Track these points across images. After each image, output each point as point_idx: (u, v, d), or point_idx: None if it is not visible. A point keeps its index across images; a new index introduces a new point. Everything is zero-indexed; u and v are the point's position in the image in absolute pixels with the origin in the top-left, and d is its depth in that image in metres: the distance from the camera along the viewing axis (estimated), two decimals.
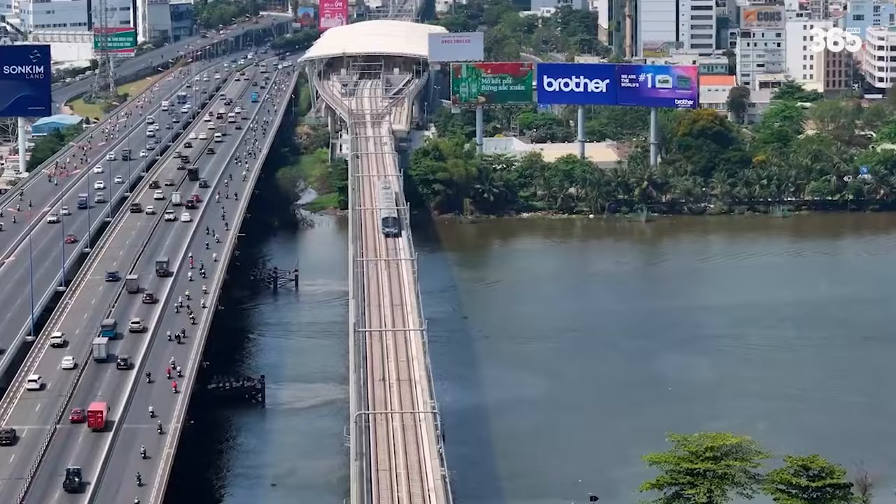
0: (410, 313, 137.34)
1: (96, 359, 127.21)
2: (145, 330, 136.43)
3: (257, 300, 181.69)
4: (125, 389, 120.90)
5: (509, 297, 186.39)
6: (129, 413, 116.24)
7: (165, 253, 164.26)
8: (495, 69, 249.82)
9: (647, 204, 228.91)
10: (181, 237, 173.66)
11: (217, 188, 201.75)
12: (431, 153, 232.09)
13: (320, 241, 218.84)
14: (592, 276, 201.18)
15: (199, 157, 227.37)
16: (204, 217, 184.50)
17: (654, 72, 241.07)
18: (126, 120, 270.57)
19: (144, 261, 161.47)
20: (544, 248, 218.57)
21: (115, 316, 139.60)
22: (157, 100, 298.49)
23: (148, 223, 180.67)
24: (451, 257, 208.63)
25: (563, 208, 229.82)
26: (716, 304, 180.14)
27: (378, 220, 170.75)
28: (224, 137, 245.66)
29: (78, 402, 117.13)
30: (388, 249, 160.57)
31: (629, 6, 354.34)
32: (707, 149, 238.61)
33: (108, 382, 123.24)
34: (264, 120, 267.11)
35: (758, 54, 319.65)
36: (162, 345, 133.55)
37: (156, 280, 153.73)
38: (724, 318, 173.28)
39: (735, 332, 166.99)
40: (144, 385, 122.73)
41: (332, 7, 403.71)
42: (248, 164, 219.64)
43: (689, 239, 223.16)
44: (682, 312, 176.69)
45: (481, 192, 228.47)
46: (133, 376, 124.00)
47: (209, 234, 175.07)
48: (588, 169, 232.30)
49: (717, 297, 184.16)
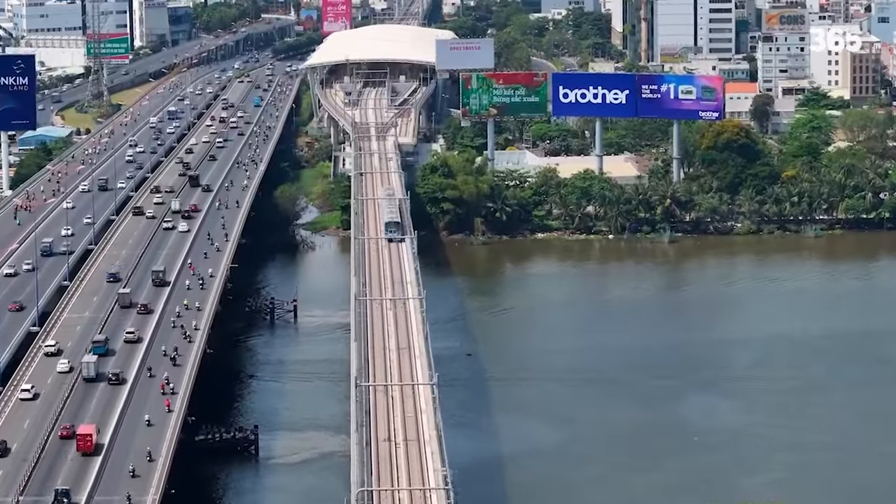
0: (419, 357, 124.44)
1: (85, 378, 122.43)
2: (140, 340, 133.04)
3: (253, 333, 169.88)
4: (116, 408, 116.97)
5: (521, 329, 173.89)
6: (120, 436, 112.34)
7: (162, 262, 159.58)
8: (507, 79, 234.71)
9: (671, 223, 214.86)
10: (178, 247, 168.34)
11: (218, 195, 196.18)
12: (440, 169, 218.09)
13: (321, 265, 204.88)
14: (610, 304, 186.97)
15: (201, 162, 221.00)
16: (203, 225, 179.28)
17: (676, 82, 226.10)
18: (108, 140, 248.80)
19: (140, 271, 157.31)
20: (560, 272, 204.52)
21: (108, 328, 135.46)
22: (146, 115, 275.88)
23: (146, 231, 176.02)
24: (460, 283, 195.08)
25: (581, 228, 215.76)
26: (743, 337, 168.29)
27: (381, 250, 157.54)
28: (226, 143, 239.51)
29: (68, 418, 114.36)
30: (393, 284, 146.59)
31: (645, 9, 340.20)
32: (733, 163, 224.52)
33: (99, 400, 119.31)
34: (266, 125, 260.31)
35: (780, 59, 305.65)
36: (156, 360, 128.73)
37: (152, 290, 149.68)
38: (751, 353, 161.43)
39: (764, 371, 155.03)
40: (137, 403, 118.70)
41: (335, 11, 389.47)
42: (249, 172, 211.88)
43: (715, 261, 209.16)
44: (707, 347, 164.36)
45: (493, 211, 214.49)
46: (125, 394, 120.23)
47: (209, 240, 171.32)
48: (607, 186, 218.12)
49: (744, 329, 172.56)
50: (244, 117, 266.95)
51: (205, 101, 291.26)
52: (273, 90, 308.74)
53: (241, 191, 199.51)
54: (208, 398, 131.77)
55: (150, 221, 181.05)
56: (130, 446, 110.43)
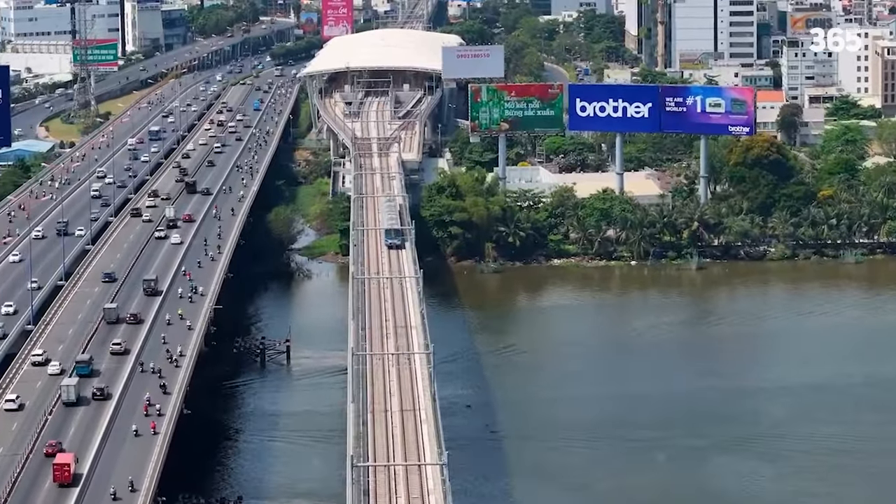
0: (425, 422, 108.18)
1: (65, 402, 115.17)
2: (127, 353, 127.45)
3: (241, 377, 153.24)
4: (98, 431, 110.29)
5: (532, 373, 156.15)
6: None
7: (154, 271, 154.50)
8: (520, 91, 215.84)
9: (698, 248, 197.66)
10: (171, 257, 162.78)
11: (215, 201, 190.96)
12: (447, 189, 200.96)
13: (318, 296, 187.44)
14: (632, 343, 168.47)
15: (198, 168, 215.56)
16: (198, 233, 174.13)
17: (703, 94, 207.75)
18: (79, 164, 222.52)
19: (130, 281, 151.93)
20: (576, 304, 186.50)
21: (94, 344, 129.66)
22: (127, 132, 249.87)
23: (139, 239, 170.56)
24: (468, 316, 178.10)
25: (600, 254, 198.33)
26: (776, 385, 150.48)
27: (383, 290, 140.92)
28: (224, 148, 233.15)
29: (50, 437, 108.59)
30: (396, 332, 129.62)
31: (661, 12, 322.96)
32: (764, 182, 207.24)
33: (80, 423, 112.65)
34: (266, 130, 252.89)
35: (807, 65, 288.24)
36: (143, 377, 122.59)
37: (143, 300, 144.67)
38: (786, 404, 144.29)
39: (801, 427, 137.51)
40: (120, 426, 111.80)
41: (335, 14, 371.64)
42: (245, 181, 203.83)
43: (746, 291, 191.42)
44: (737, 396, 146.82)
45: (505, 235, 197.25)
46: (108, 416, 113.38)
47: (206, 245, 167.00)
48: (628, 207, 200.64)
49: (778, 374, 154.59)
50: (243, 121, 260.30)
51: (190, 119, 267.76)
52: (268, 102, 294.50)
53: (237, 201, 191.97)
54: (187, 460, 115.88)
55: (146, 225, 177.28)
56: (111, 476, 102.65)
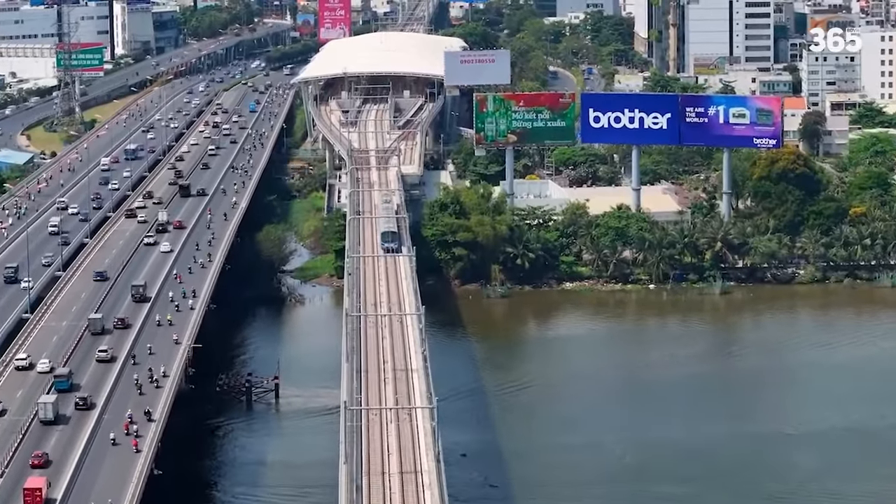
0: (427, 487, 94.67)
1: (42, 420, 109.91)
2: (114, 360, 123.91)
3: (224, 419, 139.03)
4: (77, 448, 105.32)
5: (540, 415, 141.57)
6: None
7: (144, 276, 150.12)
8: (529, 101, 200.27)
9: (721, 270, 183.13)
10: (160, 264, 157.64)
11: (208, 205, 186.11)
12: (451, 207, 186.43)
13: (311, 323, 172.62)
14: (649, 379, 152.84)
15: (193, 170, 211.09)
16: (189, 239, 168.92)
17: (727, 104, 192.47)
18: (44, 186, 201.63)
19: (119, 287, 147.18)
20: (590, 333, 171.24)
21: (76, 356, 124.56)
22: (101, 149, 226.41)
23: (127, 247, 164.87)
24: (472, 347, 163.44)
25: (616, 276, 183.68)
26: (806, 430, 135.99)
27: (381, 328, 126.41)
28: (218, 151, 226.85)
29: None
30: (395, 379, 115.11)
31: (674, 14, 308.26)
32: (791, 197, 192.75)
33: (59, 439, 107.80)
34: (261, 132, 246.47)
35: (828, 70, 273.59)
36: (126, 389, 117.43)
37: (131, 306, 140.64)
38: (816, 453, 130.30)
39: (833, 484, 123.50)
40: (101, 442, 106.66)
41: (332, 16, 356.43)
42: (238, 193, 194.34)
43: (773, 317, 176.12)
44: (762, 443, 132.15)
45: (513, 256, 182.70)
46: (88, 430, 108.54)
47: (197, 249, 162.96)
48: (646, 226, 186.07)
49: (808, 416, 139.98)
50: (238, 122, 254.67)
51: (173, 135, 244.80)
52: (263, 103, 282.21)
53: (230, 207, 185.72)
54: None
55: (139, 228, 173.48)
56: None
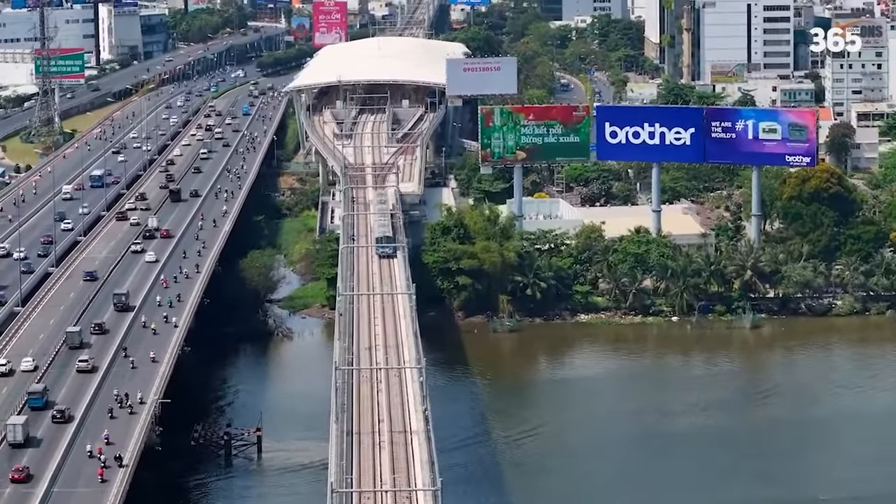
0: None
1: (11, 444, 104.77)
2: (95, 370, 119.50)
3: (198, 478, 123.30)
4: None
5: (547, 469, 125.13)
6: None
7: (127, 285, 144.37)
8: (540, 114, 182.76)
9: (751, 300, 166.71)
10: (146, 274, 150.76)
11: (200, 209, 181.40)
12: (454, 231, 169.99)
13: (299, 362, 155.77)
14: (670, 430, 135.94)
15: (184, 174, 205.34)
16: (178, 246, 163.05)
17: (756, 118, 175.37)
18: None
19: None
20: (607, 372, 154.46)
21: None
22: (65, 173, 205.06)
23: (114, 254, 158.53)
24: (476, 388, 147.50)
25: (636, 308, 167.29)
26: (843, 495, 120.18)
27: (376, 381, 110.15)
28: (210, 154, 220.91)
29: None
30: (392, 447, 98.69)
31: (688, 18, 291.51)
32: (826, 220, 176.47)
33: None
34: (254, 136, 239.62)
35: (854, 78, 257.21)
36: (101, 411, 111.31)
37: (113, 316, 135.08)
38: None
39: None
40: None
41: (328, 20, 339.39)
42: (228, 202, 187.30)
43: (807, 355, 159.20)
44: None
45: (523, 286, 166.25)
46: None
47: (185, 257, 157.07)
48: (668, 252, 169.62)
49: (848, 476, 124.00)
50: (232, 125, 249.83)
51: (145, 158, 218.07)
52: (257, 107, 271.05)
53: (221, 215, 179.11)
54: None
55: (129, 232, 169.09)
56: None
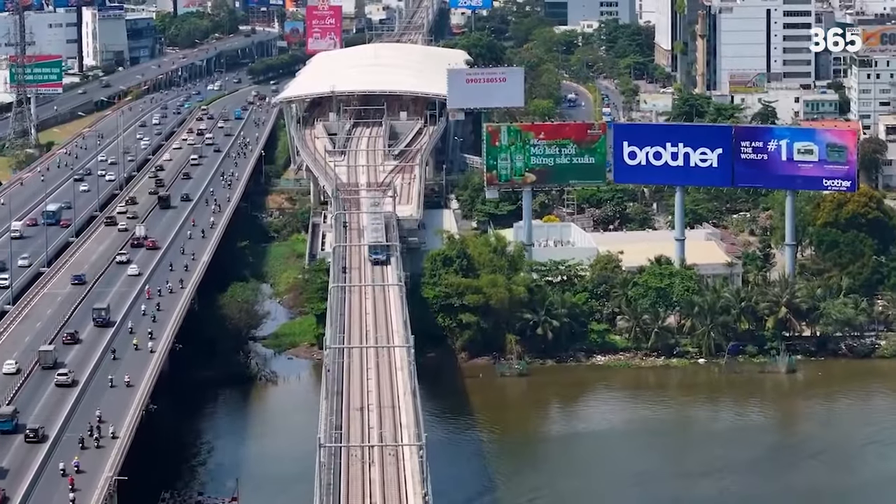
0: None
1: None
2: (75, 384, 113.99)
3: None
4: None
5: None
6: None
7: (109, 298, 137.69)
8: (551, 133, 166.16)
9: (786, 340, 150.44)
10: (129, 287, 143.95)
11: (191, 214, 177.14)
12: (456, 262, 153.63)
13: (284, 412, 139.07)
14: (688, 497, 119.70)
15: (174, 180, 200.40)
16: (164, 258, 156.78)
17: (791, 137, 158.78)
18: None
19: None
20: (625, 424, 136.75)
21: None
22: (25, 201, 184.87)
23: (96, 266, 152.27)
24: (479, 442, 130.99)
25: (658, 348, 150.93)
26: None
27: (368, 459, 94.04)
28: (201, 160, 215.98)
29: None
30: None
31: (702, 24, 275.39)
32: (866, 248, 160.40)
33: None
34: (246, 141, 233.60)
35: (881, 89, 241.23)
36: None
37: (93, 331, 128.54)
38: None
39: None
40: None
41: (321, 25, 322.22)
42: (216, 214, 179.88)
43: (849, 404, 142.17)
44: None
45: (533, 324, 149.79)
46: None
47: (171, 269, 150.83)
48: (693, 286, 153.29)
49: None
50: (224, 129, 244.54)
51: (110, 189, 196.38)
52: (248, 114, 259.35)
53: (209, 227, 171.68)
54: None
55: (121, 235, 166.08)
56: None
